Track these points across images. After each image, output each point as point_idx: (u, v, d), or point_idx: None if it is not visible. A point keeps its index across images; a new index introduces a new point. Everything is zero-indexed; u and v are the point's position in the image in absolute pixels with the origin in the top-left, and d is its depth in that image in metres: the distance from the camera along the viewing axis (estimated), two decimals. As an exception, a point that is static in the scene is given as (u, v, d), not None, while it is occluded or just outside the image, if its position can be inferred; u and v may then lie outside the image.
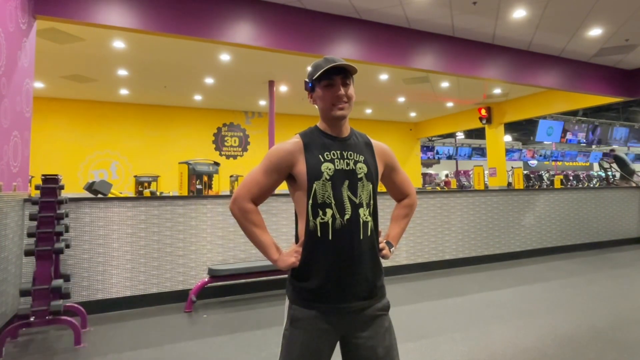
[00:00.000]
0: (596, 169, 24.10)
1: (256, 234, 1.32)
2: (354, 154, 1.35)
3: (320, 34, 5.23)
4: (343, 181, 1.30)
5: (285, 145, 1.33)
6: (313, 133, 1.37)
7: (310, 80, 1.34)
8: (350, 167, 1.33)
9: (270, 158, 1.32)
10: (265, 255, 1.30)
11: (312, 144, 1.32)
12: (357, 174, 1.32)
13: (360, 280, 1.27)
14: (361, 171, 1.33)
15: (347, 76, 1.30)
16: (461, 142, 19.16)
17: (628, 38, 6.36)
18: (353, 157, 1.34)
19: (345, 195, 1.29)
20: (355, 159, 1.35)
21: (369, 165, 1.36)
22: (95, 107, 10.52)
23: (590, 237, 6.55)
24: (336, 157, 1.32)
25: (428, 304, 3.74)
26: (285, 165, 1.31)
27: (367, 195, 1.33)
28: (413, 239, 5.11)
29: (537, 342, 2.76)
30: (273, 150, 1.34)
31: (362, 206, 1.30)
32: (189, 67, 7.89)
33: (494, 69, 6.52)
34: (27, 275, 3.38)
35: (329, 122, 1.35)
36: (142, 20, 4.35)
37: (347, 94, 1.31)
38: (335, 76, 1.29)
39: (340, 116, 1.32)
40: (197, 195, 5.66)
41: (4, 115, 2.99)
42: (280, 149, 1.33)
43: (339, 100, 1.30)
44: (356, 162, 1.34)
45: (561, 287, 4.23)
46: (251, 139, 12.23)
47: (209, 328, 3.21)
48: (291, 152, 1.31)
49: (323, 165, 1.30)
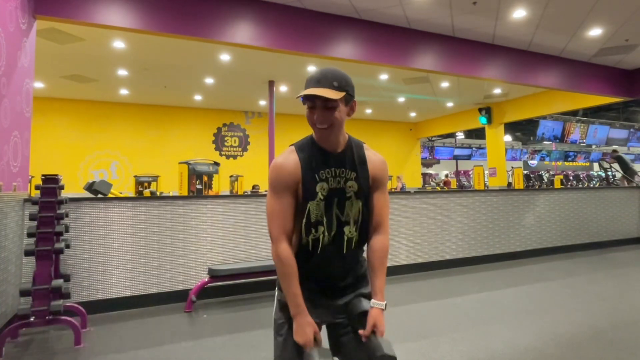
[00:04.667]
0: (596, 169, 24.10)
1: (291, 285, 1.29)
2: (346, 172, 1.35)
3: (320, 34, 5.23)
4: (334, 199, 1.33)
5: (285, 166, 1.30)
6: (308, 146, 1.34)
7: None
8: (341, 186, 1.34)
9: (277, 181, 1.30)
10: (290, 304, 1.30)
11: (308, 161, 1.31)
12: (346, 193, 1.34)
13: (345, 287, 1.42)
14: (351, 190, 1.34)
15: (329, 100, 1.24)
16: (461, 142, 19.16)
17: (628, 38, 6.36)
18: (344, 174, 1.34)
19: (334, 214, 1.35)
20: (347, 176, 1.35)
21: (360, 181, 1.35)
22: (95, 107, 10.52)
23: (590, 237, 6.54)
24: (330, 175, 1.33)
25: (428, 304, 3.74)
26: (292, 182, 1.30)
27: (356, 212, 1.36)
28: (413, 239, 5.11)
29: (537, 342, 2.76)
30: (275, 174, 1.31)
31: (347, 224, 1.36)
32: (189, 67, 7.89)
33: (494, 69, 6.52)
34: (27, 275, 3.38)
35: (319, 137, 1.32)
36: (142, 20, 4.35)
37: (329, 118, 1.26)
38: (316, 99, 1.25)
39: (323, 137, 1.30)
40: (197, 195, 5.67)
41: (4, 115, 2.99)
42: (281, 170, 1.30)
43: (319, 124, 1.27)
44: (347, 180, 1.34)
45: (561, 287, 4.23)
46: (251, 139, 12.23)
47: (209, 328, 3.21)
48: (292, 173, 1.30)
49: (318, 185, 1.31)
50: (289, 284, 1.28)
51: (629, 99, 8.15)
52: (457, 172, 21.28)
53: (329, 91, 1.23)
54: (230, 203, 4.19)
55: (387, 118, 13.77)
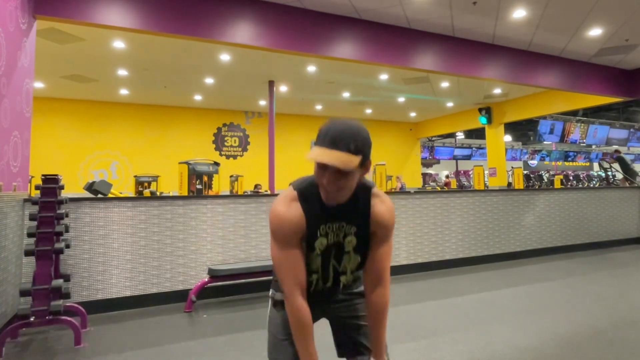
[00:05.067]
0: (596, 169, 24.09)
1: (308, 345, 1.23)
2: (347, 226, 1.27)
3: (320, 34, 5.23)
4: (331, 252, 1.30)
5: (289, 219, 1.21)
6: (311, 194, 1.23)
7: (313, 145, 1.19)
8: (340, 240, 1.29)
9: (281, 233, 1.22)
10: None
11: (311, 214, 1.22)
12: (344, 248, 1.30)
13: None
14: (349, 245, 1.29)
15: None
16: (461, 142, 19.16)
17: (628, 38, 6.36)
18: (344, 229, 1.28)
19: (330, 265, 1.32)
20: (346, 231, 1.28)
21: (360, 236, 1.28)
22: (95, 107, 10.52)
23: (590, 237, 6.54)
24: (330, 230, 1.27)
25: (428, 304, 3.74)
26: (296, 234, 1.23)
27: (354, 265, 1.33)
28: (413, 239, 5.11)
29: (537, 342, 2.76)
30: (278, 226, 1.22)
31: (344, 274, 1.34)
32: (189, 67, 7.89)
33: (494, 69, 6.52)
34: (27, 275, 3.38)
35: (325, 197, 1.20)
36: (142, 20, 4.35)
37: (340, 184, 1.15)
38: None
39: (330, 198, 1.19)
40: (197, 195, 5.67)
41: (4, 115, 2.99)
42: (285, 223, 1.21)
43: (329, 188, 1.16)
44: (346, 235, 1.28)
45: (561, 287, 4.23)
46: (251, 139, 12.23)
47: (209, 328, 3.21)
48: (296, 225, 1.22)
49: (317, 240, 1.26)
50: (305, 344, 1.21)
51: (629, 99, 8.14)
52: (457, 172, 21.28)
53: (344, 156, 1.09)
54: (230, 203, 4.19)
55: (387, 118, 13.77)
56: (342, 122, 1.15)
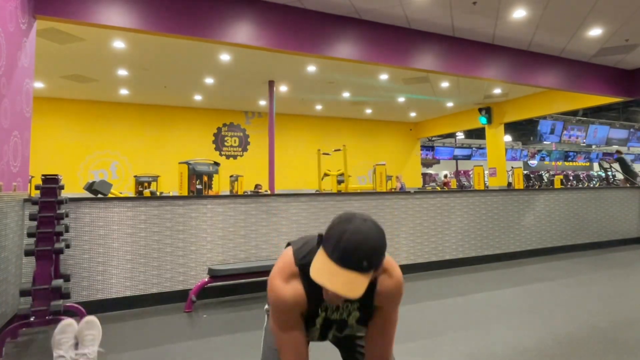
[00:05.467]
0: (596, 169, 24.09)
1: None
2: (350, 305, 1.22)
3: (320, 34, 5.23)
4: (332, 326, 1.26)
5: (292, 301, 1.14)
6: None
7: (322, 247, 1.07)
8: (343, 317, 1.24)
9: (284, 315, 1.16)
10: None
11: (313, 291, 1.14)
12: (347, 322, 1.25)
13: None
14: (353, 319, 1.25)
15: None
16: (461, 142, 19.16)
17: (628, 38, 6.36)
18: (349, 307, 1.22)
19: (331, 334, 1.30)
20: (350, 308, 1.23)
21: (363, 310, 1.22)
22: (95, 107, 10.53)
23: (590, 237, 6.54)
24: (332, 308, 1.22)
25: (428, 304, 3.74)
26: (299, 309, 1.17)
27: (358, 331, 1.31)
28: (413, 239, 5.11)
29: (537, 342, 2.76)
30: (280, 308, 1.15)
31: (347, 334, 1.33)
32: (189, 67, 7.89)
33: (494, 69, 6.52)
34: (27, 275, 3.38)
35: (328, 299, 1.13)
36: (142, 20, 4.35)
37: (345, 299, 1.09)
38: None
39: (333, 301, 1.11)
40: (197, 195, 5.67)
41: (4, 115, 2.99)
42: (285, 300, 1.14)
43: (331, 301, 1.10)
44: (350, 313, 1.23)
45: (561, 287, 4.23)
46: (251, 139, 12.23)
47: (209, 328, 3.21)
48: (297, 303, 1.15)
49: (318, 318, 1.23)
50: None
51: (629, 99, 8.14)
52: (457, 172, 21.29)
53: (355, 280, 0.98)
54: (230, 203, 4.19)
55: (387, 118, 13.77)
56: (358, 230, 1.00)
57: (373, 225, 1.03)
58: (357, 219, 1.03)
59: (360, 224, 1.01)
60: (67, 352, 2.02)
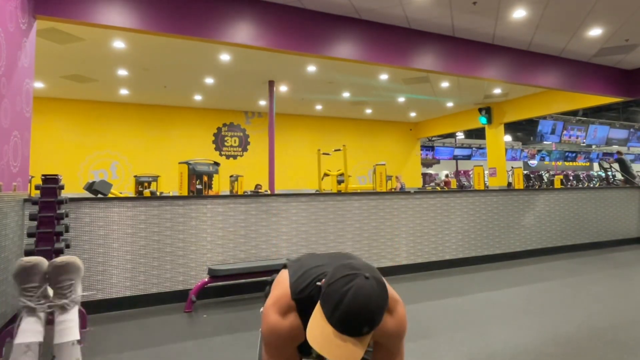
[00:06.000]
0: (596, 169, 24.09)
1: None
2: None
3: (320, 34, 5.23)
4: None
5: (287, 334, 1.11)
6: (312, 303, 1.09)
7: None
8: None
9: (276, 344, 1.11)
10: None
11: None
12: None
13: None
14: None
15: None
16: (461, 142, 19.16)
17: (628, 38, 6.36)
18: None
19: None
20: None
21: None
22: (95, 107, 10.53)
23: (590, 237, 6.54)
24: None
25: (428, 304, 3.74)
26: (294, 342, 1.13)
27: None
28: (413, 239, 5.11)
29: (537, 342, 2.76)
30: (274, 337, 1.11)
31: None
32: (189, 67, 7.89)
33: (494, 69, 6.52)
34: (27, 275, 3.37)
35: None
36: (142, 20, 4.35)
37: None
38: None
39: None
40: (197, 195, 5.67)
41: (4, 115, 2.99)
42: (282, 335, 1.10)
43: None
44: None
45: (561, 287, 4.23)
46: (251, 139, 12.23)
47: (209, 328, 3.21)
48: (294, 337, 1.12)
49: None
50: None
51: (629, 99, 8.14)
52: (457, 172, 21.29)
53: (353, 345, 0.93)
54: (230, 203, 4.19)
55: (387, 118, 13.77)
56: (359, 292, 0.94)
57: (375, 282, 0.96)
58: (359, 277, 0.95)
59: (363, 284, 0.94)
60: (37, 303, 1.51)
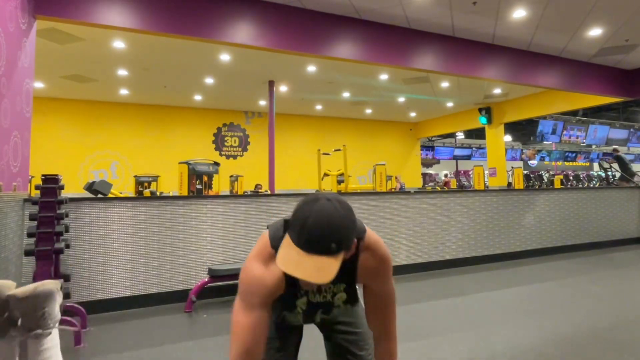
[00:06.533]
0: (596, 169, 24.09)
1: None
2: (334, 286, 1.16)
3: (320, 34, 5.23)
4: (317, 310, 1.20)
5: (266, 281, 1.07)
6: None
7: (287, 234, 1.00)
8: (328, 300, 1.18)
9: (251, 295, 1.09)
10: None
11: (289, 276, 1.04)
12: (334, 304, 1.20)
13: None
14: (339, 301, 1.19)
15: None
16: (461, 142, 19.16)
17: (628, 38, 6.35)
18: (332, 289, 1.17)
19: (317, 318, 1.24)
20: (334, 290, 1.17)
21: (349, 292, 1.17)
22: (95, 107, 10.52)
23: (590, 237, 6.54)
24: (312, 292, 1.17)
25: (428, 304, 3.74)
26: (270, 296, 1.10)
27: (345, 310, 1.24)
28: (413, 239, 5.11)
29: (537, 342, 2.76)
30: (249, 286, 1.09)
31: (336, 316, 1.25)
32: (189, 67, 7.89)
33: (494, 69, 6.52)
34: (27, 275, 3.38)
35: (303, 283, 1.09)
36: (142, 20, 4.35)
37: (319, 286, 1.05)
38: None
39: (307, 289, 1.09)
40: (197, 195, 5.67)
41: (4, 115, 2.99)
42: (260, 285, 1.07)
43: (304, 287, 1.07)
44: (334, 294, 1.17)
45: (561, 287, 4.23)
46: (251, 139, 12.23)
47: (209, 328, 3.21)
48: (274, 286, 1.08)
49: (299, 300, 1.17)
50: None
51: (629, 99, 8.14)
52: (457, 172, 21.29)
53: (323, 265, 0.91)
54: (230, 203, 4.19)
55: (387, 118, 13.76)
56: (322, 211, 0.93)
57: (338, 204, 0.96)
58: (321, 200, 0.96)
59: (325, 205, 0.94)
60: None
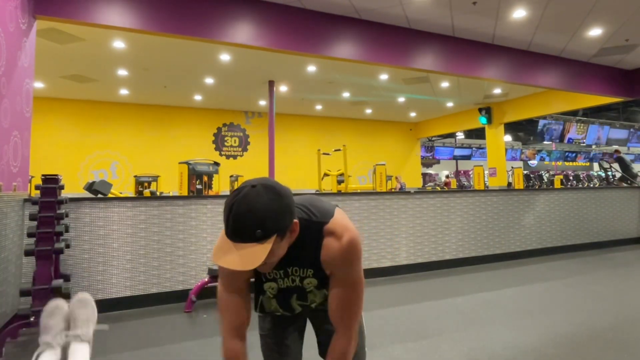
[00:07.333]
0: (596, 169, 24.09)
1: None
2: (300, 270, 1.15)
3: (320, 34, 5.23)
4: (291, 295, 1.21)
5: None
6: None
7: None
8: (297, 284, 1.18)
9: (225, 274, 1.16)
10: None
11: None
12: (305, 289, 1.19)
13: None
14: (310, 285, 1.18)
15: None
16: (461, 142, 19.17)
17: (628, 38, 6.36)
18: (299, 273, 1.15)
19: (294, 304, 1.23)
20: (302, 274, 1.15)
21: (319, 277, 1.15)
22: (95, 107, 10.53)
23: (590, 237, 6.54)
24: (279, 276, 1.17)
25: (428, 304, 3.74)
26: (241, 277, 1.15)
27: (322, 296, 1.20)
28: (413, 239, 5.11)
29: (537, 342, 2.76)
30: (222, 270, 1.15)
31: (314, 302, 1.23)
32: (189, 67, 7.89)
33: (494, 69, 6.52)
34: (27, 275, 3.38)
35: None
36: (142, 20, 4.35)
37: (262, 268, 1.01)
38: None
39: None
40: (197, 195, 5.67)
41: (4, 115, 2.99)
42: (225, 269, 1.10)
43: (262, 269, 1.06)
44: (303, 279, 1.16)
45: (561, 287, 4.23)
46: (251, 139, 12.23)
47: (209, 328, 3.21)
48: (235, 272, 1.12)
49: (265, 284, 1.19)
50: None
51: (629, 99, 8.14)
52: (457, 172, 21.29)
53: (249, 252, 0.90)
54: (230, 203, 4.19)
55: (387, 118, 13.77)
56: (244, 199, 0.92)
57: (263, 189, 0.93)
58: (245, 187, 0.94)
59: (248, 192, 0.92)
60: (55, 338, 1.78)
